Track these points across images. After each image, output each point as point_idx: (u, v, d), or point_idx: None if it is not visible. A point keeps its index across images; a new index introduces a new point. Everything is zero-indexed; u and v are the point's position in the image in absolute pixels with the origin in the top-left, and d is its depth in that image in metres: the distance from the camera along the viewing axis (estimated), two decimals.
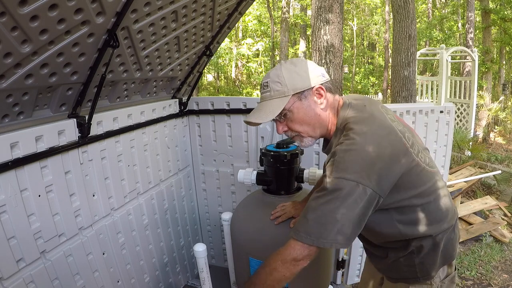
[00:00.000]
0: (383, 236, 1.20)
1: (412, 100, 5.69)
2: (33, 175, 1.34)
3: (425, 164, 1.14)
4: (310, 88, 1.15)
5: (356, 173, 0.99)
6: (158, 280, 2.24)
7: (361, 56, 22.73)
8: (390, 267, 1.27)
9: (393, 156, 1.04)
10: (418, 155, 1.12)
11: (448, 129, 2.31)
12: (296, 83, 1.14)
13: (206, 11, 1.76)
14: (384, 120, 1.13)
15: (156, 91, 2.11)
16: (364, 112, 1.14)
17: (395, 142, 1.07)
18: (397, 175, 1.05)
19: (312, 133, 1.20)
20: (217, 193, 2.64)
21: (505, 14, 10.42)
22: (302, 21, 16.02)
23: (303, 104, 1.15)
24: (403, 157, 1.06)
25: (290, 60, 1.21)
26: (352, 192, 0.99)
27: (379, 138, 1.05)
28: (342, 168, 1.01)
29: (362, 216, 1.02)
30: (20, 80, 1.15)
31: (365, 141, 1.03)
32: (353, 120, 1.11)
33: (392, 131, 1.09)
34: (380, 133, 1.07)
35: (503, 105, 9.52)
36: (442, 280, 1.23)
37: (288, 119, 1.18)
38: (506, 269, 3.18)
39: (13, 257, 1.27)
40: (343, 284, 2.55)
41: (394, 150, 1.05)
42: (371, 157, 1.01)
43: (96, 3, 1.16)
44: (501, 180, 4.93)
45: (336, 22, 4.34)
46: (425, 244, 1.17)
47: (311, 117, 1.17)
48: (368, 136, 1.05)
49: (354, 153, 1.02)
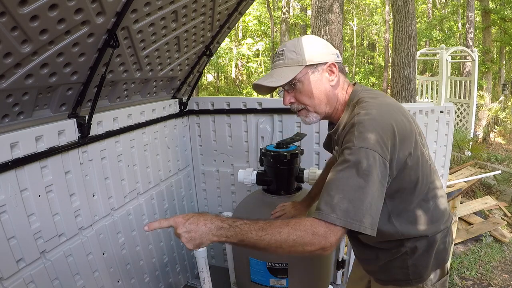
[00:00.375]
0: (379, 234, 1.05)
1: (412, 100, 5.69)
2: (33, 175, 1.34)
3: (429, 157, 1.14)
4: (324, 63, 1.14)
5: (377, 143, 0.94)
6: (158, 280, 2.24)
7: (361, 56, 22.73)
8: (381, 269, 1.24)
9: (408, 131, 1.03)
10: (424, 146, 1.11)
11: (448, 129, 2.31)
12: (311, 55, 1.12)
13: (206, 11, 1.76)
14: (396, 102, 1.13)
15: (156, 91, 2.11)
16: (377, 93, 1.15)
17: (407, 121, 1.06)
18: (406, 153, 1.02)
19: (318, 108, 1.17)
20: (217, 193, 2.64)
21: (505, 14, 10.42)
22: (302, 21, 16.02)
23: (315, 76, 1.13)
24: (412, 138, 1.05)
25: (309, 35, 1.20)
26: (374, 163, 0.92)
27: (395, 112, 1.05)
28: (364, 137, 0.95)
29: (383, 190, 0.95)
30: (20, 80, 1.15)
31: (383, 113, 1.02)
32: (368, 96, 1.10)
33: (404, 112, 1.09)
34: (396, 108, 1.07)
35: (503, 105, 9.52)
36: (433, 284, 1.20)
37: (297, 90, 1.15)
38: (506, 269, 3.18)
39: (13, 257, 1.27)
40: (343, 284, 2.54)
41: (408, 126, 1.04)
42: (389, 128, 0.98)
43: (96, 3, 1.16)
44: (501, 180, 4.94)
45: (336, 22, 4.34)
46: (419, 245, 1.14)
47: (321, 91, 1.15)
48: (384, 108, 1.04)
49: (374, 122, 0.97)
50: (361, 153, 0.93)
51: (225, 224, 0.95)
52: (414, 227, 1.12)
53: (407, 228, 1.11)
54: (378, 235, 1.04)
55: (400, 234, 1.12)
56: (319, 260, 1.75)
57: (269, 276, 1.67)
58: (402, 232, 1.11)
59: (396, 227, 1.11)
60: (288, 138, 1.82)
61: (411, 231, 1.12)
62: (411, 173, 1.06)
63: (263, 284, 1.70)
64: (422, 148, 1.09)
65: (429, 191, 1.13)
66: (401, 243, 1.15)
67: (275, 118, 2.30)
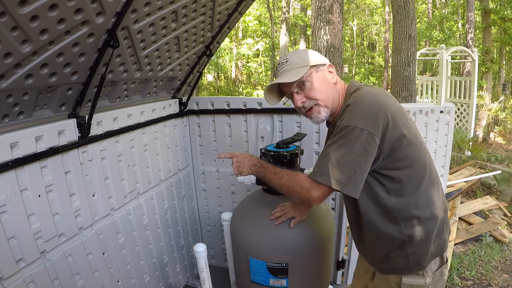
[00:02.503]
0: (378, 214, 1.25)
1: (412, 100, 5.69)
2: (33, 175, 1.34)
3: (422, 142, 1.26)
4: (324, 64, 1.32)
5: (363, 121, 1.12)
6: (158, 280, 2.24)
7: (361, 56, 22.72)
8: (382, 259, 1.30)
9: (399, 113, 1.19)
10: (417, 133, 1.25)
11: (448, 129, 2.31)
12: (312, 59, 1.30)
13: (206, 11, 1.76)
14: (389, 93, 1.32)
15: (156, 91, 2.11)
16: (374, 87, 1.31)
17: (399, 107, 1.23)
18: (398, 133, 1.16)
19: (328, 101, 1.30)
20: (217, 193, 2.64)
21: (505, 14, 10.41)
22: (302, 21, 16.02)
23: (319, 74, 1.30)
24: (404, 120, 1.20)
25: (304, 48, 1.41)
26: (359, 137, 1.11)
27: (388, 99, 1.22)
28: (352, 117, 1.14)
29: (368, 161, 1.13)
30: (20, 80, 1.15)
31: (375, 98, 1.18)
32: (364, 86, 1.27)
33: (396, 101, 1.26)
34: (389, 97, 1.24)
35: (503, 105, 9.51)
36: (434, 272, 1.26)
37: (307, 89, 1.29)
38: (506, 269, 3.18)
39: (13, 257, 1.27)
40: (343, 284, 2.55)
41: (400, 110, 1.21)
42: (379, 109, 1.14)
43: (96, 3, 1.16)
44: (501, 180, 4.93)
45: (336, 22, 4.34)
46: (416, 233, 1.22)
47: (328, 85, 1.31)
48: (378, 95, 1.20)
49: (365, 104, 1.16)
50: (347, 129, 1.13)
51: (258, 164, 1.42)
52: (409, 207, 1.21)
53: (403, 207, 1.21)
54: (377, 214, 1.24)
55: (395, 212, 1.21)
56: (319, 260, 1.75)
57: (269, 276, 1.67)
58: (398, 208, 1.21)
59: (392, 202, 1.21)
60: (288, 138, 1.81)
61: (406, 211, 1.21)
62: (403, 153, 1.18)
63: (263, 284, 1.70)
64: (414, 131, 1.24)
65: (426, 173, 1.23)
66: (399, 229, 1.22)
67: (275, 118, 2.30)
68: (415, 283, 1.25)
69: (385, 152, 1.15)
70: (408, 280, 1.25)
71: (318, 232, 1.69)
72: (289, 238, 1.63)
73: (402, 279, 1.26)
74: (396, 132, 1.15)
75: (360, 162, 1.12)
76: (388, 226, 1.24)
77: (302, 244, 1.64)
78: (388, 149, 1.15)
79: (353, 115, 1.14)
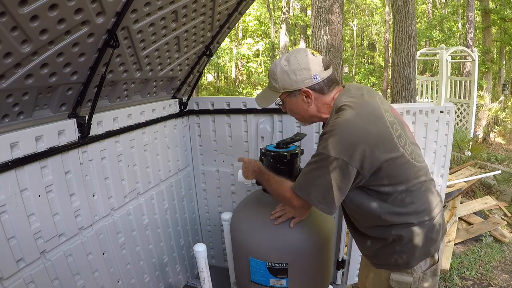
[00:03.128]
0: (367, 219, 1.31)
1: (412, 100, 5.68)
2: (33, 175, 1.34)
3: (411, 157, 1.22)
4: (298, 89, 1.30)
5: (337, 150, 1.14)
6: (158, 280, 2.24)
7: (361, 56, 22.71)
8: (374, 254, 1.36)
9: (379, 142, 1.16)
10: (405, 147, 1.22)
11: (448, 129, 2.31)
12: (285, 84, 1.31)
13: (206, 11, 1.76)
14: (377, 108, 1.24)
15: (156, 91, 2.11)
16: (360, 99, 1.26)
17: (383, 129, 1.19)
18: (380, 160, 1.16)
19: (304, 120, 1.40)
20: (217, 193, 2.64)
21: (505, 14, 10.40)
22: (302, 21, 16.02)
23: (292, 100, 1.34)
24: (388, 145, 1.18)
25: (287, 56, 1.32)
26: (333, 164, 1.15)
27: (367, 122, 1.18)
28: (327, 144, 1.17)
29: (343, 186, 1.18)
30: (20, 80, 1.15)
31: (353, 123, 1.17)
32: (347, 104, 1.22)
33: (381, 119, 1.21)
34: (369, 118, 1.19)
35: (503, 105, 9.52)
36: (424, 272, 1.29)
37: (285, 106, 1.40)
38: (506, 269, 3.18)
39: (13, 257, 1.27)
40: (343, 284, 2.55)
41: (380, 136, 1.17)
42: (355, 138, 1.15)
43: (96, 3, 1.16)
44: (501, 180, 4.93)
45: (336, 22, 4.34)
46: (404, 234, 1.25)
47: (300, 110, 1.35)
48: (357, 119, 1.18)
49: (340, 132, 1.16)
50: (322, 156, 1.17)
51: (258, 170, 1.55)
52: (397, 215, 1.24)
53: (390, 216, 1.24)
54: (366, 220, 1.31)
55: (383, 220, 1.25)
56: (319, 260, 1.75)
57: (269, 276, 1.67)
58: (386, 218, 1.24)
59: (380, 213, 1.24)
60: (288, 138, 1.82)
61: (393, 218, 1.24)
62: (391, 174, 1.19)
63: (263, 284, 1.71)
64: (402, 149, 1.20)
65: (413, 186, 1.23)
66: (388, 231, 1.26)
67: (275, 118, 2.30)
68: (403, 280, 1.30)
69: (365, 176, 1.18)
70: (396, 276, 1.30)
71: (318, 232, 1.69)
72: (289, 238, 1.63)
73: (390, 275, 1.31)
74: (376, 161, 1.16)
75: (334, 186, 1.18)
76: (377, 229, 1.29)
77: (302, 244, 1.64)
78: (368, 174, 1.18)
79: (329, 143, 1.16)
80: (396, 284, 1.31)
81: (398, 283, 1.30)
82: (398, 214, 1.24)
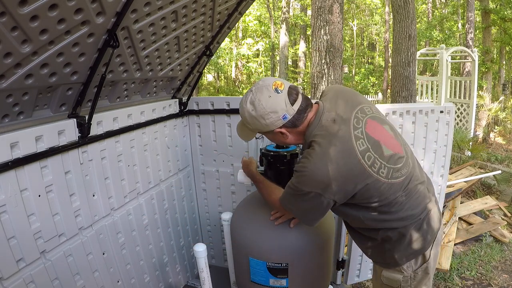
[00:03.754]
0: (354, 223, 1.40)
1: (412, 100, 5.68)
2: (33, 175, 1.34)
3: (387, 178, 1.23)
4: (271, 130, 1.31)
5: (310, 186, 1.20)
6: (158, 280, 2.24)
7: (361, 56, 22.72)
8: (367, 251, 1.44)
9: (349, 176, 1.19)
10: (379, 172, 1.21)
11: (448, 129, 2.31)
12: (258, 127, 1.32)
13: (206, 11, 1.76)
14: (347, 141, 1.20)
15: (156, 91, 2.11)
16: (330, 130, 1.22)
17: (353, 164, 1.18)
18: (353, 191, 1.21)
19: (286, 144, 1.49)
20: (217, 193, 2.64)
21: (505, 14, 10.40)
22: (302, 21, 16.02)
23: (269, 135, 1.37)
24: (360, 176, 1.19)
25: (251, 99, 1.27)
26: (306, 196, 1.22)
27: (336, 161, 1.17)
28: (300, 180, 1.22)
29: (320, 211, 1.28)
30: (20, 80, 1.15)
31: (323, 164, 1.17)
32: (317, 139, 1.22)
33: (351, 153, 1.18)
34: (337, 156, 1.18)
35: (503, 105, 9.51)
36: (415, 271, 1.33)
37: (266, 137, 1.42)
38: (506, 269, 3.18)
39: (13, 257, 1.27)
40: (343, 284, 2.55)
41: (351, 171, 1.18)
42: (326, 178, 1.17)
43: (96, 3, 1.16)
44: (501, 180, 4.93)
45: (336, 22, 4.34)
46: (391, 235, 1.30)
47: (280, 142, 1.40)
48: (326, 158, 1.17)
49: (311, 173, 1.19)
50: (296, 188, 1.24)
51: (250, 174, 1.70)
52: (379, 222, 1.30)
53: (373, 223, 1.31)
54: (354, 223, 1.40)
55: (368, 225, 1.33)
56: (319, 260, 1.75)
57: (269, 276, 1.67)
58: (369, 224, 1.32)
59: (363, 221, 1.32)
60: None
61: (378, 224, 1.31)
62: (367, 196, 1.23)
63: (263, 284, 1.71)
64: (375, 175, 1.20)
65: (391, 201, 1.26)
66: (375, 232, 1.34)
67: None
68: (392, 278, 1.36)
69: (341, 202, 1.25)
70: (387, 273, 1.37)
71: (318, 232, 1.69)
72: (289, 238, 1.63)
73: (382, 271, 1.39)
74: (349, 192, 1.21)
75: (312, 211, 1.29)
76: (366, 230, 1.37)
77: (302, 244, 1.64)
78: (344, 200, 1.24)
79: (302, 180, 1.22)
80: (387, 281, 1.38)
81: (388, 279, 1.37)
82: (382, 221, 1.29)
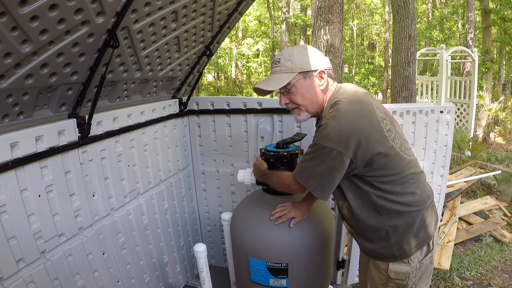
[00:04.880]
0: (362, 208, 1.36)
1: (412, 100, 5.68)
2: (33, 175, 1.34)
3: (401, 150, 1.31)
4: (315, 70, 1.34)
5: (333, 141, 1.21)
6: (158, 280, 2.24)
7: (361, 56, 22.71)
8: (371, 248, 1.41)
9: (370, 134, 1.23)
10: (394, 141, 1.29)
11: (448, 129, 2.31)
12: (303, 64, 1.34)
13: (206, 11, 1.76)
14: (369, 104, 1.30)
15: (156, 91, 2.11)
16: (353, 96, 1.33)
17: (374, 123, 1.26)
18: (371, 152, 1.23)
19: (309, 108, 1.40)
20: (217, 193, 2.64)
21: (505, 14, 10.39)
22: (302, 21, 16.01)
23: (306, 82, 1.35)
24: (379, 136, 1.25)
25: (303, 45, 1.37)
26: (328, 155, 1.22)
27: (360, 116, 1.25)
28: (323, 136, 1.24)
29: (337, 174, 1.26)
30: (20, 80, 1.15)
31: (347, 116, 1.24)
32: (342, 99, 1.30)
33: (373, 114, 1.28)
34: (361, 113, 1.26)
35: (503, 105, 9.52)
36: (420, 261, 1.35)
37: (291, 93, 1.38)
38: (506, 269, 3.18)
39: (13, 257, 1.27)
40: (343, 284, 2.55)
41: (372, 129, 1.24)
42: (349, 131, 1.21)
43: (96, 3, 1.16)
44: (501, 180, 4.93)
45: (336, 22, 4.33)
46: (399, 224, 1.31)
47: (311, 94, 1.37)
48: (351, 113, 1.25)
49: (335, 125, 1.22)
50: (318, 147, 1.25)
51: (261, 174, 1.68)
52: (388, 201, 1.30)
53: (382, 201, 1.30)
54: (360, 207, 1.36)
55: (376, 204, 1.31)
56: (319, 260, 1.75)
57: (269, 276, 1.67)
58: (378, 202, 1.31)
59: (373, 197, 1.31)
60: (288, 138, 1.82)
61: (386, 204, 1.30)
62: (382, 165, 1.26)
63: (263, 284, 1.71)
64: (391, 142, 1.27)
65: (403, 177, 1.30)
66: (382, 222, 1.32)
67: (275, 118, 2.30)
68: (401, 270, 1.34)
69: (358, 166, 1.25)
70: (395, 267, 1.35)
71: (318, 232, 1.69)
72: (289, 238, 1.63)
73: (389, 266, 1.36)
74: (368, 152, 1.23)
75: (329, 174, 1.26)
76: (372, 218, 1.34)
77: (302, 244, 1.64)
78: (362, 164, 1.25)
79: (324, 135, 1.23)
80: (395, 275, 1.36)
81: (396, 273, 1.35)
82: (389, 201, 1.30)
